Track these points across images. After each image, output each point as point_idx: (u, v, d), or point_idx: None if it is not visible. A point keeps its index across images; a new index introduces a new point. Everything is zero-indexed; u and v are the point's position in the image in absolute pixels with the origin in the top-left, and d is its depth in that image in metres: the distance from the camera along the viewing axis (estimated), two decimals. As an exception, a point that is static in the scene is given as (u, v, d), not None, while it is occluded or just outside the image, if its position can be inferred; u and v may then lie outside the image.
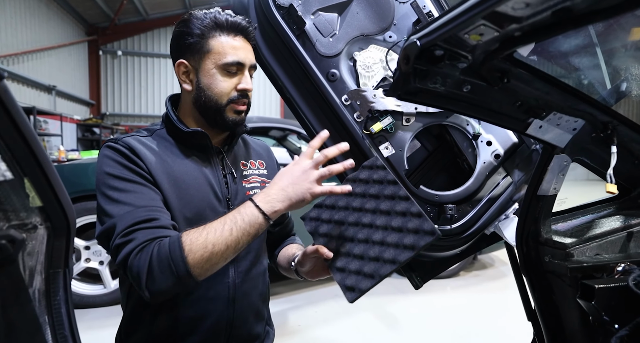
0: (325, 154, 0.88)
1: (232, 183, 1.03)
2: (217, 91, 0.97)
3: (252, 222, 0.84)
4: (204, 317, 0.97)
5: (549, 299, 1.00)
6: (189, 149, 1.02)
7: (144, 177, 0.92)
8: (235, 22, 0.98)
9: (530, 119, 0.81)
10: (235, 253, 0.85)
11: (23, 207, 0.62)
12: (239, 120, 1.01)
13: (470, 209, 1.18)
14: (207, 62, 0.97)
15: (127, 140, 0.96)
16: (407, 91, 0.70)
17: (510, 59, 0.68)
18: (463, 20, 0.54)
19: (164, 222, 0.87)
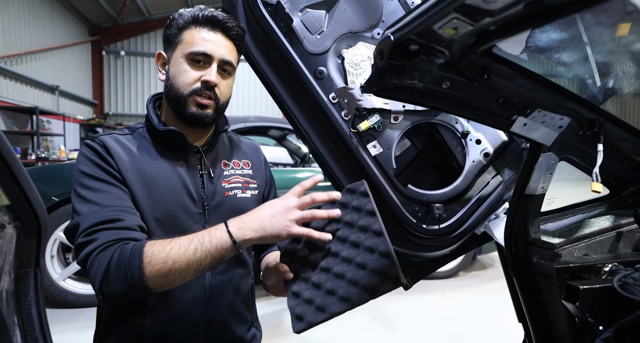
0: (313, 197, 0.87)
1: (209, 184, 1.02)
2: (180, 80, 0.97)
3: (219, 247, 0.82)
4: (181, 319, 0.96)
5: (537, 300, 0.98)
6: (166, 148, 1.01)
7: (115, 176, 0.91)
8: (209, 16, 0.98)
9: (514, 116, 0.79)
10: (196, 274, 0.83)
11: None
12: (199, 114, 0.97)
13: (459, 209, 1.16)
14: (177, 51, 0.98)
15: (104, 138, 0.96)
16: (384, 87, 0.68)
17: (490, 54, 0.66)
18: (434, 13, 0.53)
19: (129, 223, 0.86)
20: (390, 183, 1.15)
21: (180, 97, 0.97)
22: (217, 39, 0.98)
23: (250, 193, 1.08)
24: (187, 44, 0.97)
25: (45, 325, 0.68)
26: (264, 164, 1.19)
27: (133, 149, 0.98)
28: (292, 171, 3.72)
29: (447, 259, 1.30)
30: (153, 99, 1.08)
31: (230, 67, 1.01)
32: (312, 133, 1.23)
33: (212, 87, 0.97)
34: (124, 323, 0.96)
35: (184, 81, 0.96)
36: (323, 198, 0.88)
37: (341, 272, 0.86)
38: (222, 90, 1.00)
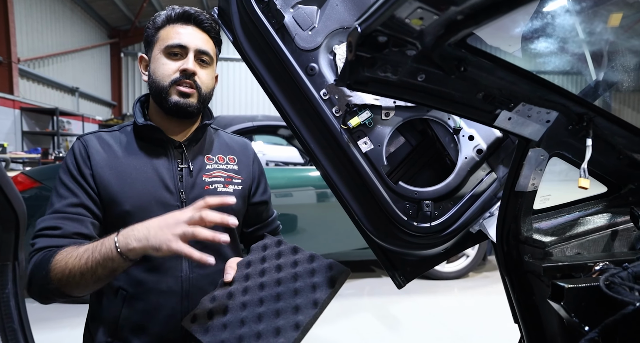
0: (202, 216, 0.79)
1: (188, 177, 1.04)
2: (160, 73, 1.01)
3: (106, 256, 0.81)
4: (157, 310, 0.98)
5: (529, 300, 0.95)
6: (146, 143, 1.05)
7: (79, 183, 0.97)
8: (181, 12, 1.02)
9: (498, 110, 0.77)
10: (97, 281, 0.84)
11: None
12: (182, 103, 1.01)
13: (451, 206, 1.13)
14: (155, 49, 1.03)
15: (88, 137, 1.04)
16: (357, 80, 0.67)
17: (464, 45, 0.64)
18: (394, 2, 0.51)
19: (65, 231, 0.92)
20: (380, 180, 1.13)
21: (161, 89, 1.01)
22: (190, 31, 1.03)
23: (232, 188, 1.10)
24: (163, 40, 1.01)
25: (24, 318, 0.69)
26: (252, 160, 1.21)
27: (114, 145, 1.03)
28: (303, 170, 3.71)
29: (441, 257, 1.27)
30: (140, 99, 1.12)
31: (208, 57, 1.05)
32: (304, 130, 1.23)
33: (192, 75, 1.01)
34: (105, 311, 1.00)
35: (163, 73, 1.00)
36: (214, 219, 0.79)
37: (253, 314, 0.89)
38: (202, 79, 1.03)
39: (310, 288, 0.91)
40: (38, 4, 9.22)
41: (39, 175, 2.90)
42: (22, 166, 6.62)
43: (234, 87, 14.29)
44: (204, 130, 1.12)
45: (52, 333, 2.60)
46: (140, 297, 0.99)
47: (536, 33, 0.82)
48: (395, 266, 1.26)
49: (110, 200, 0.98)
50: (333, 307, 3.07)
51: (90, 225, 0.96)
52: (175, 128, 1.07)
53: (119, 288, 0.99)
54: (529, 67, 0.73)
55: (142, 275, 0.99)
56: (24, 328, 0.69)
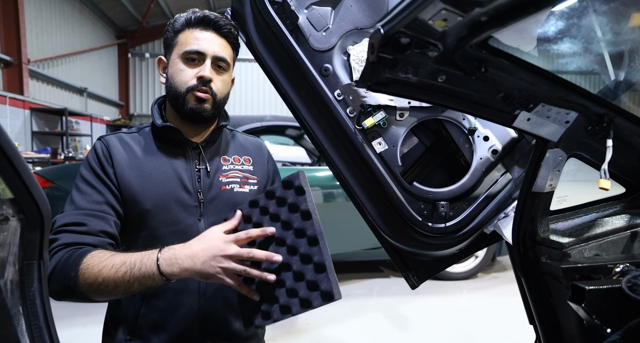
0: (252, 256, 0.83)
1: (205, 177, 1.06)
2: (177, 79, 1.02)
3: (147, 276, 0.84)
4: (175, 309, 0.99)
5: (546, 302, 0.95)
6: (165, 144, 1.07)
7: (103, 181, 0.98)
8: (201, 16, 1.03)
9: (517, 111, 0.77)
10: (127, 293, 0.86)
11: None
12: (197, 108, 1.02)
13: (466, 207, 1.13)
14: (174, 53, 1.04)
15: (109, 138, 1.05)
16: (378, 82, 0.68)
17: (486, 46, 0.64)
18: (420, 3, 0.52)
19: (91, 228, 0.92)
20: (395, 181, 1.14)
21: (178, 95, 1.02)
22: (209, 37, 1.03)
23: (248, 188, 1.11)
24: (182, 45, 1.03)
25: (49, 315, 0.70)
26: (267, 160, 1.22)
27: (134, 146, 1.05)
28: (310, 170, 3.72)
29: (455, 258, 1.27)
30: (158, 101, 1.14)
31: (225, 63, 1.06)
32: (318, 130, 1.23)
33: (208, 82, 1.02)
34: (124, 310, 1.01)
35: (181, 80, 1.02)
36: (261, 258, 0.83)
37: (281, 279, 0.84)
38: (218, 86, 1.05)
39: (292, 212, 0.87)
40: (47, 5, 9.31)
41: (51, 175, 2.94)
42: (32, 166, 6.70)
43: (244, 88, 14.32)
44: (220, 132, 1.14)
45: (64, 331, 2.63)
46: (159, 296, 1.00)
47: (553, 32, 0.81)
48: (409, 267, 1.26)
49: (131, 199, 1.00)
50: (343, 307, 3.09)
51: (114, 224, 0.97)
52: (192, 130, 1.09)
53: None
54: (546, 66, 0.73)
55: None
56: (49, 326, 0.70)
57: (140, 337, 1.01)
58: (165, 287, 0.99)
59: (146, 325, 1.00)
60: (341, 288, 0.86)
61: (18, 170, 0.63)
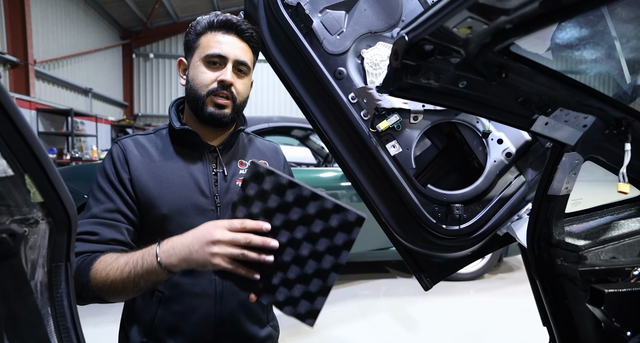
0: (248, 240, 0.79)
1: (222, 182, 1.06)
2: (198, 81, 1.02)
3: (150, 271, 0.83)
4: (191, 312, 1.00)
5: (561, 304, 0.95)
6: (182, 147, 1.06)
7: (115, 187, 0.99)
8: (223, 20, 1.03)
9: (535, 116, 0.78)
10: (138, 292, 0.87)
11: (25, 202, 0.65)
12: (217, 114, 1.02)
13: (480, 209, 1.14)
14: (195, 56, 1.04)
15: (125, 141, 1.05)
16: (400, 87, 0.69)
17: (507, 52, 0.65)
18: (447, 12, 0.53)
19: (102, 237, 0.94)
20: (409, 183, 1.14)
21: (198, 97, 1.02)
22: (231, 41, 1.03)
23: None
24: (204, 48, 1.02)
25: (76, 316, 0.72)
26: (283, 165, 1.22)
27: (151, 149, 1.05)
28: (315, 171, 3.73)
29: (468, 260, 1.28)
30: (176, 102, 1.13)
31: (246, 67, 1.06)
32: (332, 133, 1.24)
33: (229, 86, 1.02)
34: (141, 312, 1.02)
35: (201, 82, 1.01)
36: (257, 243, 0.79)
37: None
38: (238, 89, 1.04)
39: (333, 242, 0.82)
40: (53, 6, 9.37)
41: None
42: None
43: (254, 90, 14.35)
44: (238, 136, 1.13)
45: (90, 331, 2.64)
46: (176, 299, 1.00)
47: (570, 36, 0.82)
48: (421, 268, 1.27)
49: (148, 204, 1.00)
50: (350, 307, 3.10)
51: (125, 231, 0.98)
52: (210, 133, 1.09)
53: (155, 290, 1.01)
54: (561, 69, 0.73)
55: (178, 278, 1.00)
56: (76, 327, 0.71)
57: (156, 340, 1.01)
58: (182, 291, 1.00)
59: (162, 328, 1.01)
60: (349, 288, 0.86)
61: (48, 174, 0.65)
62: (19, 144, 0.60)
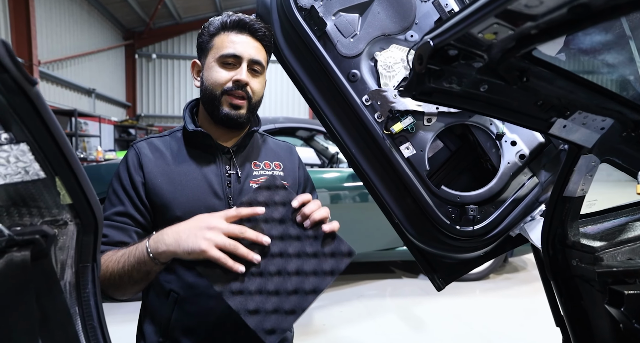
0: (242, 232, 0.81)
1: (236, 183, 1.06)
2: (213, 81, 1.02)
3: (140, 260, 0.84)
4: (208, 313, 1.00)
5: (577, 304, 0.96)
6: (195, 149, 1.07)
7: (126, 191, 1.01)
8: (236, 20, 1.03)
9: (553, 118, 0.78)
10: (134, 284, 0.88)
11: (55, 204, 0.66)
12: (233, 114, 1.02)
13: (493, 210, 1.15)
14: (209, 57, 1.04)
15: (140, 144, 1.07)
16: (422, 91, 0.70)
17: (529, 57, 0.66)
18: (475, 19, 0.54)
19: (110, 240, 0.96)
20: (423, 185, 1.15)
21: (213, 98, 1.02)
22: (245, 40, 1.03)
23: None
24: (218, 48, 1.02)
25: (102, 316, 0.73)
26: (298, 166, 1.22)
27: (165, 151, 1.07)
28: (320, 171, 3.74)
29: (480, 261, 1.29)
30: (189, 104, 1.14)
31: (260, 67, 1.06)
32: (345, 135, 1.25)
33: (244, 86, 1.02)
34: (157, 313, 1.03)
35: (216, 82, 1.02)
36: (250, 237, 0.81)
37: (297, 269, 0.83)
38: (253, 89, 1.05)
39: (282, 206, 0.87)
40: (57, 7, 9.40)
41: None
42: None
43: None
44: (251, 136, 1.13)
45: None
46: (191, 300, 1.01)
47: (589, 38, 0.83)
48: (434, 269, 1.28)
49: (162, 206, 1.01)
50: (357, 307, 3.11)
51: (134, 234, 1.00)
52: (224, 134, 1.09)
53: (171, 291, 1.02)
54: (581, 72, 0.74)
55: (193, 279, 1.01)
56: (102, 326, 0.72)
57: (172, 340, 1.02)
58: (197, 292, 1.01)
59: (178, 329, 1.02)
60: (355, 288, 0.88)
61: (77, 177, 0.66)
62: (51, 148, 0.61)
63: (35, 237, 0.62)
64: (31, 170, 0.62)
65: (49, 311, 0.64)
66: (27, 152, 0.60)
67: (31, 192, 0.64)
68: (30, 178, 0.63)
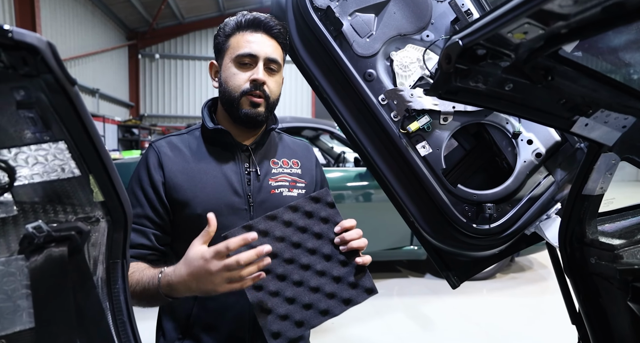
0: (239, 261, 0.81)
1: (255, 181, 1.07)
2: (231, 83, 1.03)
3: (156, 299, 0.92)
4: (227, 309, 1.02)
5: (595, 302, 0.97)
6: (214, 147, 1.08)
7: (145, 193, 1.03)
8: (251, 19, 1.04)
9: (576, 117, 0.79)
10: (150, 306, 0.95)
11: (87, 201, 0.68)
12: (252, 113, 1.03)
13: (509, 209, 1.16)
14: (226, 57, 1.05)
15: (159, 144, 1.08)
16: (448, 90, 0.71)
17: (555, 56, 0.67)
18: (508, 19, 0.55)
19: (131, 243, 0.98)
20: (440, 183, 1.16)
21: (233, 99, 1.03)
22: (260, 39, 1.03)
23: (297, 192, 1.12)
24: (234, 49, 1.03)
25: (131, 312, 0.74)
26: (315, 164, 1.23)
27: (184, 150, 1.07)
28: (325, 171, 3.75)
29: (495, 259, 1.30)
30: (208, 103, 1.15)
31: (276, 65, 1.06)
32: (361, 133, 1.26)
33: (261, 85, 1.03)
34: (177, 310, 1.05)
35: (234, 83, 1.03)
36: (250, 259, 0.81)
37: (317, 285, 0.87)
38: (271, 87, 1.05)
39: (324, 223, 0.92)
40: (61, 7, 9.44)
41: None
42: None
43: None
44: (269, 135, 1.14)
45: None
46: (211, 297, 1.02)
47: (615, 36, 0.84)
48: (449, 267, 1.28)
49: (182, 204, 1.02)
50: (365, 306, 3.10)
51: (152, 236, 1.02)
52: (243, 133, 1.10)
53: None
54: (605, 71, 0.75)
55: None
56: (132, 321, 0.74)
57: (192, 336, 1.04)
58: None
59: (198, 325, 1.03)
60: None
61: (110, 175, 0.67)
62: (87, 146, 0.62)
63: (71, 233, 0.63)
64: (67, 168, 0.64)
65: (83, 306, 0.66)
66: (65, 150, 0.62)
67: (66, 189, 0.65)
68: (66, 175, 0.64)
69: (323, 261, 0.88)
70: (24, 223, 0.62)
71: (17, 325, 0.60)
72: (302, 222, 0.90)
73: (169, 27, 14.11)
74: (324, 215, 0.91)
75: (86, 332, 0.65)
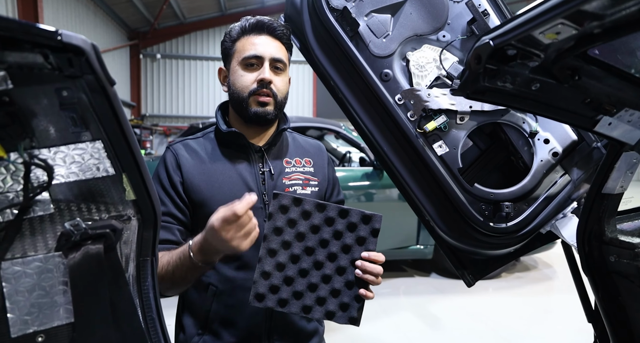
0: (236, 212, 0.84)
1: (270, 180, 1.10)
2: (239, 85, 1.07)
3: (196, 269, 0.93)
4: (243, 305, 1.03)
5: (614, 300, 0.98)
6: (229, 149, 1.11)
7: (167, 191, 1.05)
8: (254, 22, 1.08)
9: (599, 116, 0.80)
10: (187, 284, 0.97)
11: (120, 200, 0.69)
12: (261, 112, 1.06)
13: (526, 207, 1.16)
14: (233, 61, 1.09)
15: (177, 146, 1.11)
16: (476, 90, 0.71)
17: (584, 55, 0.68)
18: (543, 20, 0.55)
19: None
20: (457, 182, 1.17)
21: (242, 100, 1.07)
22: (264, 41, 1.08)
23: (310, 190, 1.15)
24: (240, 52, 1.07)
25: (160, 308, 0.75)
26: (327, 163, 1.25)
27: (200, 152, 1.11)
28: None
29: (510, 258, 1.30)
30: (221, 106, 1.18)
31: (282, 64, 1.10)
32: (377, 133, 1.27)
33: (268, 84, 1.06)
34: (196, 305, 1.07)
35: (242, 85, 1.07)
36: (243, 206, 0.85)
37: (316, 284, 0.91)
38: (277, 86, 1.09)
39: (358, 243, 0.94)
40: (64, 7, 9.45)
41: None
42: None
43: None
44: (281, 135, 1.17)
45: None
46: (229, 293, 1.05)
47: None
48: (464, 265, 1.29)
49: (200, 204, 1.05)
50: (372, 305, 3.12)
51: (177, 232, 1.04)
52: (255, 133, 1.13)
53: (210, 284, 1.06)
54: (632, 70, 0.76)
55: (231, 273, 1.05)
56: (160, 318, 0.74)
57: (211, 332, 1.06)
58: (235, 285, 1.05)
59: (217, 321, 1.05)
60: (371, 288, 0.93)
61: (142, 174, 0.68)
62: (122, 146, 0.63)
63: (106, 230, 0.64)
64: (102, 167, 0.64)
65: (117, 302, 0.66)
66: (101, 150, 0.62)
67: (100, 188, 0.66)
68: (101, 174, 0.65)
69: (334, 270, 0.92)
70: (60, 222, 0.63)
71: (55, 320, 0.60)
72: (341, 227, 0.93)
73: (171, 27, 14.12)
74: (363, 235, 0.93)
75: (120, 328, 0.66)
